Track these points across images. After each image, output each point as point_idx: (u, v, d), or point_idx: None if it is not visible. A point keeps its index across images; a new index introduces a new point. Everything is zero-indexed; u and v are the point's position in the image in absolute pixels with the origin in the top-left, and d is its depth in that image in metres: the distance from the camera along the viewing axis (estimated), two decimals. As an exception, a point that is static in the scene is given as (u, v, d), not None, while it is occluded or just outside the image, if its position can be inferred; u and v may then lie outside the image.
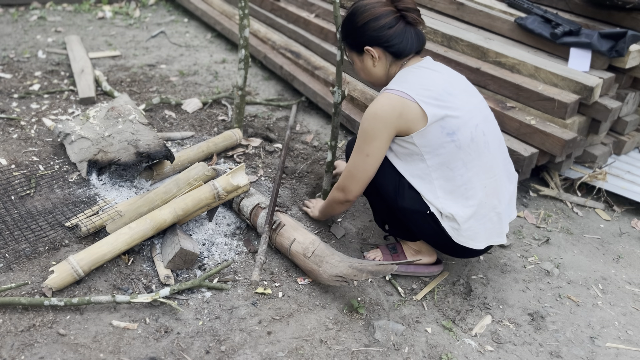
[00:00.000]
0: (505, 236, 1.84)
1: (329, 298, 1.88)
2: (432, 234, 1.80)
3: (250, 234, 2.17)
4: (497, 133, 1.84)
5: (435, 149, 1.70)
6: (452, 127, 1.68)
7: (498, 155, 1.80)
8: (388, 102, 1.68)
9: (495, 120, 1.87)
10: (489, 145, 1.75)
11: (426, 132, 1.68)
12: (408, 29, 1.75)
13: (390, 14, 1.73)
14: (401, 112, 1.67)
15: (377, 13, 1.73)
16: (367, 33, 1.75)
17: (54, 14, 4.62)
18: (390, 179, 1.79)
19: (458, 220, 1.72)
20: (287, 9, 3.75)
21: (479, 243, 1.77)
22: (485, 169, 1.74)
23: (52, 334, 1.64)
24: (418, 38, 1.77)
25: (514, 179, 1.93)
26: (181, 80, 3.51)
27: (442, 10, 3.12)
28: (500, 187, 1.80)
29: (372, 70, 1.83)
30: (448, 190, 1.73)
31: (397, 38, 1.73)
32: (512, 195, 1.90)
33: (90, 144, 2.37)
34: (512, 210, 1.91)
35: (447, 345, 1.74)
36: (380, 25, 1.72)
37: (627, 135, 2.79)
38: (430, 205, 1.74)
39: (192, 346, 1.64)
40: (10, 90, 3.15)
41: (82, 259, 1.80)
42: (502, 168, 1.83)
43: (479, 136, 1.72)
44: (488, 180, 1.75)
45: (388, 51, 1.76)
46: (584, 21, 2.64)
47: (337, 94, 2.39)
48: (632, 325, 1.90)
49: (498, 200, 1.78)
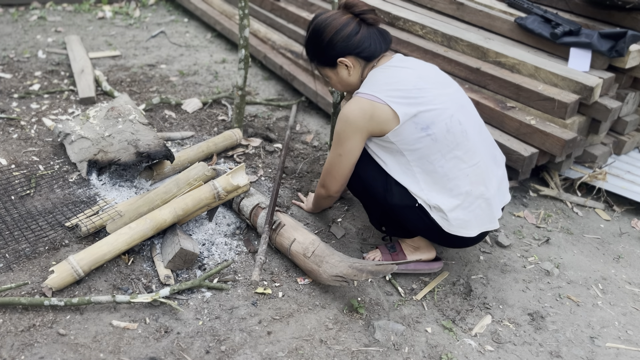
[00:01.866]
0: (497, 221, 1.85)
1: (329, 298, 1.88)
2: (425, 227, 1.81)
3: (250, 234, 2.17)
4: (476, 119, 1.85)
5: (412, 144, 1.73)
6: (426, 121, 1.70)
7: (479, 142, 1.81)
8: (358, 107, 1.73)
9: (474, 106, 1.89)
10: (467, 134, 1.75)
11: (400, 130, 1.71)
12: (371, 30, 1.80)
13: (352, 21, 1.78)
14: (372, 115, 1.72)
15: (340, 23, 1.78)
16: (337, 45, 1.79)
17: (54, 14, 4.62)
18: (378, 179, 1.83)
19: (444, 210, 1.74)
20: (287, 9, 3.75)
21: (471, 231, 1.79)
22: (466, 157, 1.75)
23: (52, 334, 1.64)
24: (383, 36, 1.82)
25: (501, 162, 1.94)
26: (181, 80, 3.51)
27: (442, 10, 3.12)
28: (487, 173, 1.81)
29: (348, 79, 1.86)
30: (431, 182, 1.76)
31: (366, 42, 1.78)
32: (501, 179, 1.90)
33: (90, 144, 2.37)
34: (504, 194, 1.92)
35: (447, 345, 1.74)
36: (347, 34, 1.77)
37: (627, 135, 2.79)
38: (417, 198, 1.77)
39: (192, 346, 1.64)
40: (10, 90, 3.15)
41: (82, 259, 1.80)
42: (486, 153, 1.84)
43: (455, 126, 1.73)
44: (470, 169, 1.76)
45: (360, 57, 1.81)
46: (584, 21, 2.63)
47: (336, 94, 2.39)
48: (632, 325, 1.90)
49: (485, 186, 1.78)
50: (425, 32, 2.95)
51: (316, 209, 2.28)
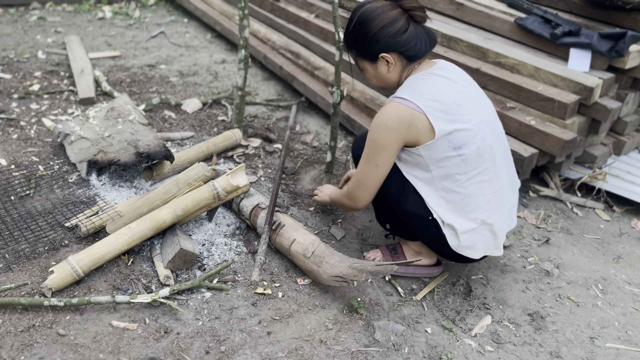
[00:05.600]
0: (502, 248, 1.85)
1: (328, 298, 1.88)
2: (432, 238, 1.80)
3: (250, 235, 2.17)
4: (504, 144, 1.81)
5: (440, 162, 1.68)
6: (460, 141, 1.65)
7: (503, 167, 1.78)
8: (397, 113, 1.64)
9: (503, 129, 1.84)
10: (495, 159, 1.72)
11: (433, 145, 1.65)
12: (419, 29, 1.70)
13: (401, 17, 1.67)
14: (410, 124, 1.63)
15: (389, 18, 1.66)
16: (382, 40, 1.68)
17: (53, 14, 4.62)
18: (395, 181, 1.78)
19: (458, 231, 1.73)
20: (287, 9, 3.75)
21: (476, 253, 1.79)
22: (489, 183, 1.72)
23: (51, 334, 1.64)
24: (429, 37, 1.73)
25: (516, 187, 1.91)
26: (181, 81, 3.51)
27: (441, 11, 3.12)
28: (502, 200, 1.79)
29: (386, 76, 1.77)
30: (451, 202, 1.72)
31: (413, 41, 1.68)
32: (513, 204, 1.88)
33: (90, 144, 2.37)
34: (512, 220, 1.90)
35: (447, 346, 1.74)
36: (396, 30, 1.66)
37: (627, 136, 2.79)
38: (433, 212, 1.74)
39: (192, 346, 1.64)
40: (10, 90, 3.15)
41: (82, 259, 1.80)
42: (507, 179, 1.82)
43: (486, 150, 1.69)
44: (491, 195, 1.74)
45: (404, 55, 1.71)
46: (584, 21, 2.64)
47: (335, 94, 2.39)
48: (632, 325, 1.90)
49: (499, 215, 1.77)
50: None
51: (331, 205, 2.21)
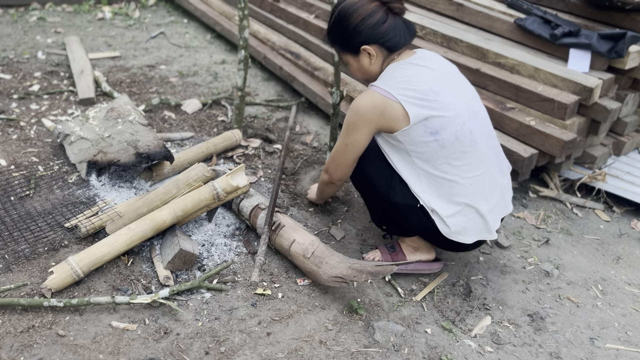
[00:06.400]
0: (495, 232, 1.85)
1: (328, 299, 1.88)
2: (424, 227, 1.82)
3: (249, 235, 2.16)
4: (488, 128, 1.85)
5: (419, 147, 1.72)
6: (436, 126, 1.69)
7: (488, 152, 1.80)
8: (370, 100, 1.71)
9: (487, 114, 1.87)
10: (476, 143, 1.75)
11: (409, 131, 1.70)
12: (397, 20, 1.76)
13: (380, 9, 1.74)
14: (383, 111, 1.70)
15: (368, 10, 1.73)
16: (362, 32, 1.75)
17: (53, 15, 4.62)
18: (382, 175, 1.83)
19: (442, 215, 1.75)
20: (287, 9, 3.75)
21: (468, 238, 1.80)
22: (471, 167, 1.75)
23: (51, 335, 1.63)
24: (408, 28, 1.79)
25: (507, 171, 1.93)
26: (181, 81, 3.51)
27: (441, 11, 3.12)
28: (490, 183, 1.80)
29: (369, 68, 1.84)
30: (433, 186, 1.76)
31: (392, 32, 1.75)
32: (504, 188, 1.89)
33: (89, 145, 2.37)
34: (507, 205, 1.90)
35: (446, 346, 1.74)
36: (375, 22, 1.73)
37: (626, 136, 2.79)
38: (419, 199, 1.77)
39: (192, 347, 1.64)
40: (9, 90, 3.15)
41: (82, 259, 1.80)
42: (493, 163, 1.83)
43: (465, 134, 1.72)
44: (474, 178, 1.76)
45: (384, 46, 1.77)
46: (584, 22, 2.64)
47: (335, 95, 2.39)
48: (631, 326, 1.90)
49: (484, 198, 1.78)
50: (425, 33, 2.95)
51: (320, 198, 2.27)
